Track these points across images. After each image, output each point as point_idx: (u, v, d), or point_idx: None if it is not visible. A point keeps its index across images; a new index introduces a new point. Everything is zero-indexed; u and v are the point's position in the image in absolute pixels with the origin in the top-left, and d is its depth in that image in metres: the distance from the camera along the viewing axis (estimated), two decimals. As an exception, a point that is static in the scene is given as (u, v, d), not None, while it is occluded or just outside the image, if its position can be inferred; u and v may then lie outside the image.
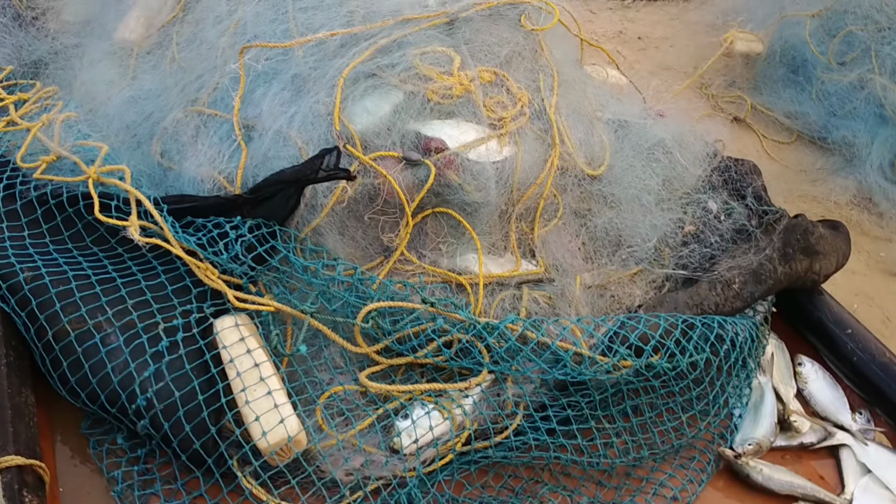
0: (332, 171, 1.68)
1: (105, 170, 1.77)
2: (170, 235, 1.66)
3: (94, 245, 1.76)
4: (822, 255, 2.00)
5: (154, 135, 1.92)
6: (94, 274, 1.67)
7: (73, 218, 1.77)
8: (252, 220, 1.71)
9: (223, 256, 1.65)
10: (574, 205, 2.04)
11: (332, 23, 1.90)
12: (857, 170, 2.90)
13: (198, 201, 1.76)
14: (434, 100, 1.86)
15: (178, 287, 1.67)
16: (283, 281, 1.72)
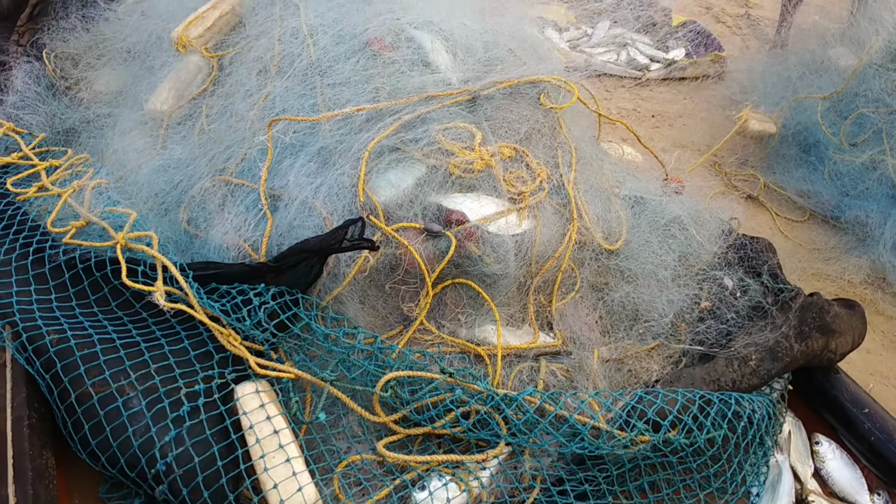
0: (356, 242, 1.72)
1: (133, 236, 1.81)
2: (194, 301, 1.68)
3: (119, 309, 1.78)
4: (838, 334, 2.00)
5: (182, 203, 1.96)
6: (119, 338, 1.69)
7: (100, 282, 1.80)
8: (275, 288, 1.74)
9: (246, 323, 1.68)
10: (592, 279, 2.07)
11: (359, 98, 1.97)
12: (870, 249, 2.91)
13: (223, 268, 1.79)
14: (456, 174, 1.91)
15: (200, 352, 1.69)
16: (304, 348, 1.74)
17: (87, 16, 2.72)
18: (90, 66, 2.55)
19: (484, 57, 2.19)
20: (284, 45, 2.09)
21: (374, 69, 2.03)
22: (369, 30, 2.11)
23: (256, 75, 2.09)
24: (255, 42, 2.18)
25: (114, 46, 2.55)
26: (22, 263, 1.83)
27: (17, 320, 1.67)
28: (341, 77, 2.00)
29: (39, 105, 2.43)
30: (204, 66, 2.25)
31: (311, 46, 2.06)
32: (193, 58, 2.26)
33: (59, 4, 2.80)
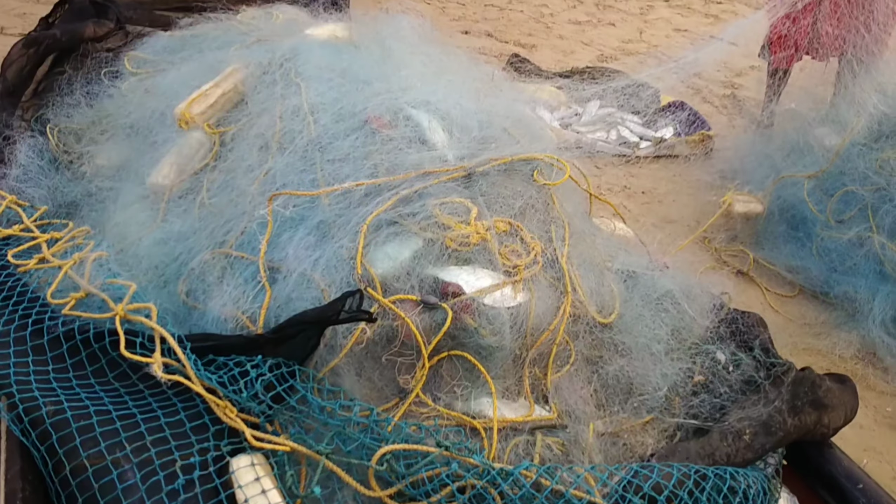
0: (354, 313, 1.74)
1: (132, 308, 1.83)
2: (191, 373, 1.69)
3: (116, 381, 1.78)
4: (831, 409, 2.02)
5: (181, 275, 1.99)
6: (115, 409, 1.69)
7: (98, 354, 1.81)
8: (273, 360, 1.75)
9: (243, 395, 1.68)
10: (586, 352, 2.09)
11: (358, 174, 2.02)
12: (860, 325, 2.95)
13: (221, 340, 1.80)
14: (452, 247, 1.95)
15: (196, 424, 1.68)
16: (299, 421, 1.74)
17: (91, 92, 2.79)
18: (93, 141, 2.61)
19: (479, 135, 2.26)
20: (285, 122, 2.15)
21: (373, 146, 2.09)
22: (368, 108, 2.18)
23: (258, 151, 2.14)
24: (257, 119, 2.24)
25: (117, 122, 2.61)
26: (20, 335, 1.83)
27: (14, 391, 1.67)
28: (341, 153, 2.06)
29: (42, 179, 2.47)
30: (206, 142, 2.31)
31: (311, 124, 2.12)
32: (195, 134, 2.31)
33: (64, 81, 2.87)
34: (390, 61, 2.49)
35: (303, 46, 2.46)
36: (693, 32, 5.91)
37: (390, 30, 2.81)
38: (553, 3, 6.04)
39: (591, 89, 4.45)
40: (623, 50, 5.46)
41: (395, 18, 2.98)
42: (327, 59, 2.40)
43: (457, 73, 2.68)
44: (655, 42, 5.65)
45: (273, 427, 1.73)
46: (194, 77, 2.50)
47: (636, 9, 6.21)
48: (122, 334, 1.77)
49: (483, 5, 5.78)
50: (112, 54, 2.98)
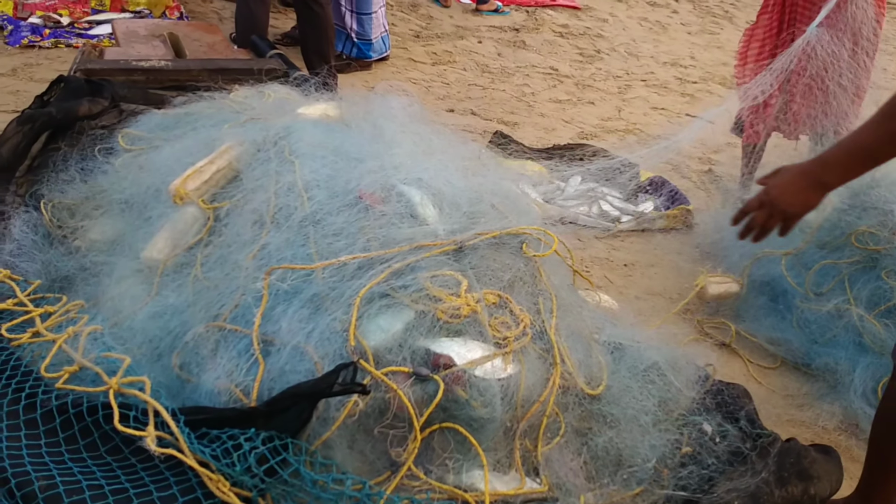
0: (348, 386, 1.76)
1: (126, 381, 1.84)
2: (185, 446, 1.70)
3: (108, 455, 1.79)
4: (817, 479, 2.05)
5: (175, 348, 2.01)
6: (108, 484, 1.69)
7: (91, 427, 1.82)
8: (266, 433, 1.75)
9: (236, 468, 1.68)
10: (575, 423, 2.11)
11: (351, 248, 2.07)
12: (842, 396, 2.98)
13: (214, 413, 1.82)
14: (443, 319, 1.99)
15: (189, 499, 1.68)
16: (292, 494, 1.74)
17: (86, 168, 2.83)
18: (87, 216, 2.64)
19: (469, 211, 2.32)
20: (280, 198, 2.21)
21: (366, 221, 2.14)
22: (361, 185, 2.24)
23: (252, 226, 2.19)
24: (252, 195, 2.29)
25: (111, 197, 2.65)
26: (13, 409, 1.84)
27: (6, 465, 1.67)
28: (334, 228, 2.11)
29: (36, 253, 2.50)
30: (200, 217, 2.35)
31: (305, 200, 2.18)
32: (190, 209, 2.36)
33: (59, 157, 2.91)
34: (381, 139, 2.57)
35: (296, 125, 2.54)
36: (670, 111, 6.09)
37: (380, 109, 2.90)
38: (534, 82, 6.22)
39: (573, 168, 4.57)
40: (602, 127, 5.62)
41: (384, 97, 3.08)
42: (320, 137, 2.47)
43: (445, 150, 2.76)
44: (634, 120, 5.81)
45: (265, 501, 1.73)
46: (188, 154, 2.55)
47: (614, 88, 6.40)
48: (115, 408, 1.78)
49: (467, 84, 5.95)
50: (106, 131, 3.03)
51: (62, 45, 5.42)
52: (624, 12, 8.34)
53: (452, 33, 6.90)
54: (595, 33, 7.55)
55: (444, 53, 6.44)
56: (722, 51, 7.65)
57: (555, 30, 7.42)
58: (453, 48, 6.57)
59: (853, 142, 1.84)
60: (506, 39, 7.00)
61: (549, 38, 7.21)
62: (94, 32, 5.62)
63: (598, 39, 7.43)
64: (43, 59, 5.20)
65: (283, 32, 6.07)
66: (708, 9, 8.98)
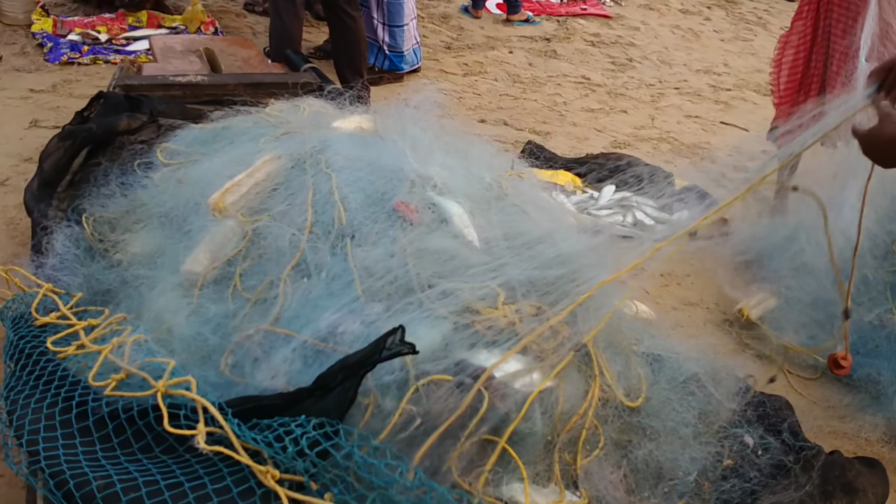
0: (399, 347, 1.75)
1: (172, 382, 1.87)
2: (234, 439, 1.71)
3: (163, 454, 1.81)
4: (862, 493, 2.01)
5: (219, 354, 2.03)
6: (164, 480, 1.70)
7: (143, 430, 1.84)
8: (316, 419, 1.75)
9: (288, 451, 1.69)
10: (615, 436, 2.09)
11: (388, 261, 2.07)
12: (884, 407, 2.92)
13: (261, 401, 1.84)
14: (481, 331, 1.98)
15: (243, 489, 1.69)
16: (343, 479, 1.73)
17: (126, 183, 2.87)
18: (127, 230, 2.68)
19: (504, 220, 2.32)
20: (317, 210, 2.23)
21: (401, 232, 2.15)
22: (396, 196, 2.25)
23: (290, 239, 2.21)
24: (289, 208, 2.31)
25: (151, 211, 2.68)
26: (65, 417, 1.87)
27: (63, 469, 1.70)
28: (370, 239, 2.12)
29: (78, 267, 2.53)
30: (238, 230, 2.37)
31: (342, 212, 2.19)
32: (229, 222, 2.38)
33: (100, 172, 2.97)
34: (415, 151, 2.58)
35: (332, 138, 2.56)
36: (704, 118, 6.04)
37: (413, 120, 2.91)
38: (566, 91, 6.21)
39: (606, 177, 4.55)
40: (636, 136, 5.58)
41: (417, 109, 3.09)
42: (355, 149, 2.49)
43: (478, 160, 2.77)
44: (667, 128, 5.77)
45: (318, 485, 1.73)
46: (226, 167, 2.58)
47: (647, 96, 6.36)
48: (164, 409, 1.80)
49: (498, 95, 5.95)
50: (145, 146, 3.08)
51: (101, 61, 5.52)
52: (656, 20, 8.31)
53: (483, 44, 6.92)
54: (627, 42, 7.52)
55: (475, 64, 6.45)
56: (756, 57, 7.59)
57: (586, 39, 7.41)
58: (484, 59, 6.59)
59: None
60: (537, 49, 7.01)
61: (581, 48, 7.20)
62: (131, 48, 5.71)
63: (630, 48, 7.40)
64: (82, 76, 5.30)
65: (315, 46, 6.13)
66: (741, 15, 8.91)
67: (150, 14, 6.19)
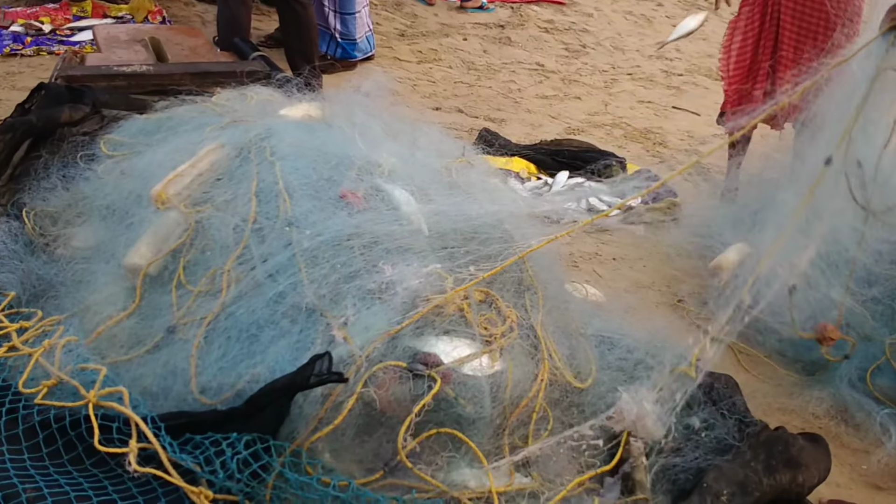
0: (325, 376, 1.75)
1: (104, 393, 1.84)
2: (166, 461, 1.71)
3: (94, 468, 1.78)
4: (805, 467, 2.05)
5: (159, 350, 2.00)
6: (96, 496, 1.69)
7: (75, 441, 1.81)
8: (248, 436, 1.74)
9: (220, 476, 1.68)
10: (564, 418, 2.11)
11: (335, 248, 2.06)
12: (830, 383, 2.99)
13: (194, 416, 1.82)
14: (429, 317, 1.98)
15: None
16: (278, 496, 1.73)
17: (68, 175, 2.81)
18: (69, 224, 2.63)
19: (453, 208, 2.31)
20: (261, 200, 2.20)
21: (348, 220, 2.13)
22: (343, 184, 2.23)
23: (234, 229, 2.18)
24: (233, 198, 2.28)
25: (93, 204, 2.64)
26: (-6, 425, 1.83)
27: (-9, 479, 1.66)
28: (316, 229, 2.10)
29: (17, 263, 2.48)
30: (182, 222, 2.33)
31: (287, 201, 2.17)
32: (172, 213, 2.35)
33: (41, 165, 2.90)
34: (363, 139, 2.56)
35: (277, 126, 2.53)
36: (656, 103, 6.09)
37: (363, 108, 2.89)
38: (521, 78, 6.22)
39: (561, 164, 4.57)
40: (590, 122, 5.61)
41: (368, 97, 3.07)
42: (302, 137, 2.46)
43: (429, 147, 2.76)
44: (620, 114, 5.81)
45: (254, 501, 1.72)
46: (170, 158, 2.54)
47: (601, 82, 6.40)
48: (95, 425, 1.77)
49: (453, 82, 5.94)
50: (88, 138, 3.01)
51: (44, 52, 5.39)
52: (608, 6, 8.33)
53: (437, 31, 6.89)
54: (580, 28, 7.54)
55: (429, 52, 6.42)
56: (707, 42, 7.64)
57: (540, 25, 7.41)
58: (439, 46, 6.56)
59: None
60: (491, 36, 6.99)
61: (535, 34, 7.20)
62: (75, 39, 5.57)
63: (584, 34, 7.42)
64: (25, 68, 5.17)
65: (266, 34, 6.04)
66: (693, 1, 8.99)
67: (95, 4, 6.05)
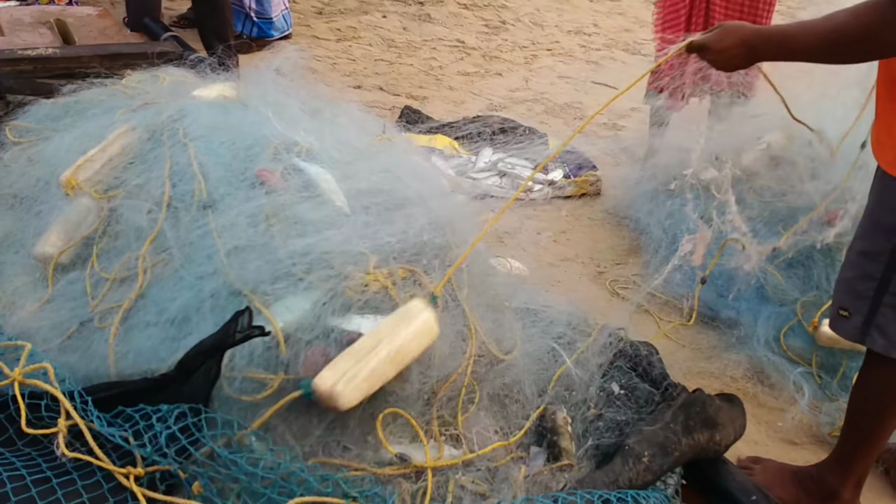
0: (248, 331, 1.73)
1: (29, 370, 1.78)
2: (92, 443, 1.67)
3: (27, 447, 1.73)
4: (722, 426, 2.12)
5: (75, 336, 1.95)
6: (29, 474, 1.64)
7: (5, 423, 1.76)
8: (178, 408, 1.71)
9: (147, 450, 1.65)
10: (490, 390, 2.13)
11: (252, 230, 2.03)
12: (746, 346, 3.10)
13: (123, 386, 1.78)
14: (352, 296, 1.97)
15: (113, 485, 1.66)
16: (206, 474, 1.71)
17: (-29, 164, 2.70)
18: (-26, 214, 2.52)
19: (373, 186, 2.30)
20: (175, 183, 2.15)
21: (265, 201, 2.10)
22: (259, 165, 2.20)
23: (147, 214, 2.13)
24: (146, 182, 2.22)
25: (0, 193, 2.54)
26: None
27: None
28: (233, 211, 2.06)
29: (-79, 256, 2.37)
30: (94, 208, 2.27)
31: (202, 183, 2.12)
32: (83, 200, 2.28)
33: (-55, 155, 2.77)
34: (280, 118, 2.52)
35: (190, 107, 2.47)
36: (576, 79, 6.16)
37: (279, 87, 2.84)
38: (441, 55, 6.21)
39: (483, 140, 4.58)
40: (511, 98, 5.64)
41: (285, 76, 3.02)
42: (216, 118, 2.41)
43: (348, 126, 2.73)
44: (541, 89, 5.86)
45: (186, 475, 1.70)
46: (80, 143, 2.46)
47: (521, 58, 6.43)
48: (23, 406, 1.72)
49: (373, 60, 5.89)
50: (-8, 124, 2.90)
51: (-58, 36, 5.13)
52: (527, -18, 8.38)
53: (356, 8, 6.82)
54: (499, 4, 7.56)
55: (348, 29, 6.35)
56: (624, 17, 7.77)
57: (459, 2, 7.39)
58: (357, 24, 6.49)
59: (794, 33, 1.94)
60: (410, 13, 6.95)
61: (454, 11, 7.18)
62: (-24, 22, 5.32)
63: (503, 10, 7.44)
64: (-78, 52, 4.91)
65: (178, 14, 5.89)
66: (609, -23, 9.09)
67: (-4, -15, 5.78)
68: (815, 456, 2.60)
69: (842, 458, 2.30)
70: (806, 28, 1.92)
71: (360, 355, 1.80)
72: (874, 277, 2.02)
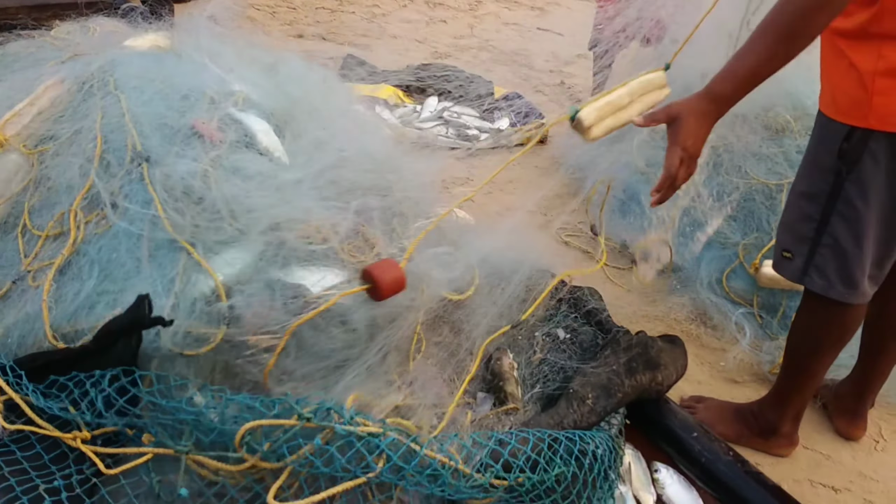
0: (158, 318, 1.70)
1: (-47, 342, 1.74)
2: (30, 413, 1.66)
3: None
4: (663, 367, 2.17)
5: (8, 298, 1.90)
6: None
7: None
8: (111, 372, 1.69)
9: (87, 416, 1.64)
10: (436, 338, 2.14)
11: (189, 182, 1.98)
12: (690, 289, 3.16)
13: (49, 356, 1.75)
14: (295, 249, 1.95)
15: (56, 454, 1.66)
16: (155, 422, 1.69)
17: None
18: None
19: (313, 138, 2.26)
20: (107, 136, 2.08)
21: (202, 153, 2.05)
22: (195, 116, 2.14)
23: (79, 169, 2.06)
24: (77, 136, 2.15)
25: (-79, 153, 2.43)
26: None
27: None
28: (168, 164, 2.01)
29: None
30: (24, 164, 2.19)
31: (135, 136, 2.06)
32: (12, 156, 2.19)
33: None
34: (216, 68, 2.45)
35: (122, 58, 2.38)
36: (521, 25, 6.12)
37: (215, 36, 2.76)
38: (384, 2, 6.11)
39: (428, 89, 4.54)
40: (456, 46, 5.59)
41: (221, 25, 2.93)
42: (148, 68, 2.33)
43: (287, 76, 2.67)
44: (486, 37, 5.81)
45: (134, 431, 1.68)
46: (6, 97, 2.36)
47: (465, 5, 6.36)
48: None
49: (314, 8, 5.77)
50: (-89, 79, 2.76)
51: None
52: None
53: (296, -44, 6.64)
54: (443, -50, 7.44)
55: (288, -23, 6.20)
56: (569, -38, 7.71)
57: (402, -52, 7.26)
58: (298, -29, 6.34)
59: (736, 68, 1.86)
60: (353, -40, 6.81)
61: (397, -43, 7.05)
62: None
63: (447, -44, 7.33)
64: None
65: (111, -38, 5.66)
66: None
67: (-88, -69, 5.48)
68: (756, 393, 2.68)
69: (781, 394, 2.37)
70: (750, 41, 1.83)
71: (615, 108, 2.08)
72: (814, 218, 2.06)
